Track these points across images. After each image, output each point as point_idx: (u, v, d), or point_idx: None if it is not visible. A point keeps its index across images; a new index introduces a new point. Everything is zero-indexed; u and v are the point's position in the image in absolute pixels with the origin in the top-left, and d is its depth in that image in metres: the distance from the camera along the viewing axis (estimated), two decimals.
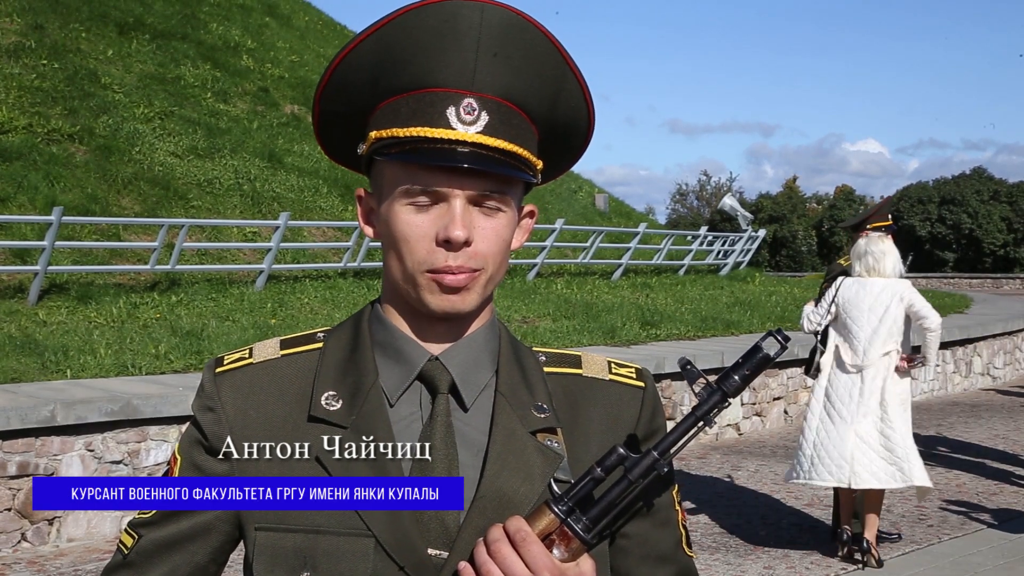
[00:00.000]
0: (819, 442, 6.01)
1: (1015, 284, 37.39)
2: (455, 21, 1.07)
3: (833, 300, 6.19)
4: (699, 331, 12.14)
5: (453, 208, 1.09)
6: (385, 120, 1.12)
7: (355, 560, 1.10)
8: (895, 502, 7.48)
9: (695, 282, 18.41)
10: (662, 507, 1.23)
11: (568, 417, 1.20)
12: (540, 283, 15.49)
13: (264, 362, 1.20)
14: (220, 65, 17.08)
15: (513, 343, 1.23)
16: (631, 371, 1.26)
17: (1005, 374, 15.02)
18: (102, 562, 5.83)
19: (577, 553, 1.08)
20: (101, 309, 10.07)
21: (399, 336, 1.17)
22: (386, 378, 1.16)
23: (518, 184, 1.15)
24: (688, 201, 68.78)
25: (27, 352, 7.87)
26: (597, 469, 1.09)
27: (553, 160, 1.23)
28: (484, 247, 1.11)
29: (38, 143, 12.59)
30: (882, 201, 6.82)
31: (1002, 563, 6.03)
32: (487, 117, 1.10)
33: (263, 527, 1.13)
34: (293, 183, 15.00)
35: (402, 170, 1.11)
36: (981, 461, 9.01)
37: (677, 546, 1.25)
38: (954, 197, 52.33)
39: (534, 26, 1.10)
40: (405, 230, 1.11)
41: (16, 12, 15.10)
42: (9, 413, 5.93)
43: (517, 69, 1.11)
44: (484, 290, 1.14)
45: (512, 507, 1.11)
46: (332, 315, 11.22)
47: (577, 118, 1.20)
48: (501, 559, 1.04)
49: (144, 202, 12.76)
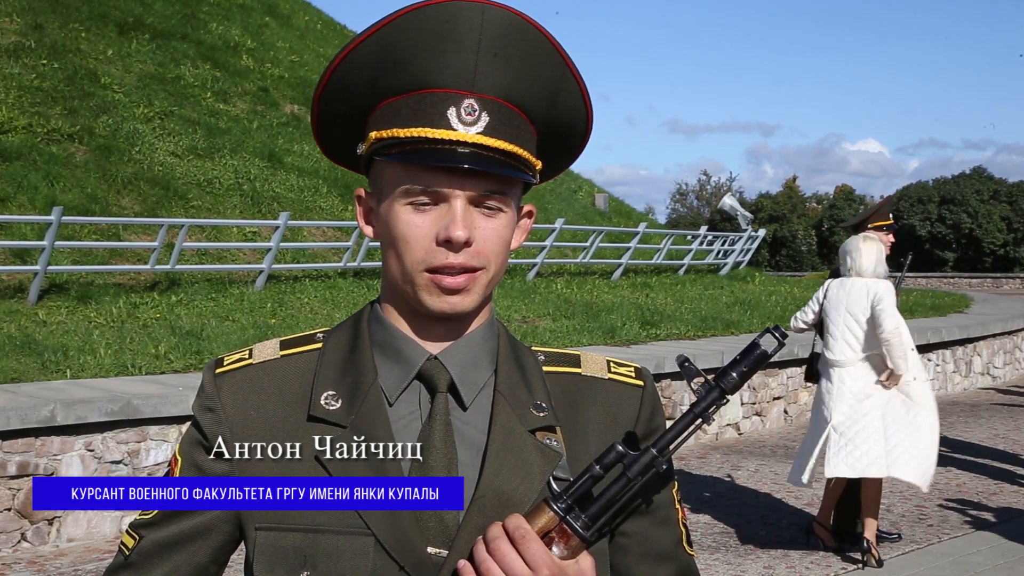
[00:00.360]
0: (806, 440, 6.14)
1: (1015, 284, 37.39)
2: (455, 22, 1.08)
3: (818, 300, 6.27)
4: (699, 331, 12.14)
5: (454, 208, 1.10)
6: (385, 120, 1.12)
7: (355, 559, 1.10)
8: (895, 502, 7.49)
9: (695, 282, 18.42)
10: (662, 505, 1.23)
11: (567, 416, 1.20)
12: (540, 283, 15.49)
13: (264, 362, 1.20)
14: (220, 65, 17.08)
15: (512, 342, 1.24)
16: (630, 370, 1.27)
17: (1005, 374, 15.03)
18: (102, 562, 5.83)
19: (576, 551, 1.08)
20: (101, 309, 10.08)
21: (398, 336, 1.18)
22: (385, 378, 1.17)
23: (518, 184, 1.16)
24: (688, 201, 68.81)
25: (27, 352, 7.87)
26: (596, 467, 1.10)
27: (551, 160, 1.23)
28: (485, 247, 1.12)
29: (38, 143, 12.59)
30: (882, 200, 6.81)
31: (1002, 563, 6.04)
32: (487, 118, 1.10)
33: (263, 527, 1.14)
34: (293, 183, 15.01)
35: (402, 170, 1.11)
36: (981, 461, 9.01)
37: (677, 544, 1.25)
38: (954, 197, 52.33)
39: (534, 27, 1.11)
40: (405, 230, 1.11)
41: (16, 12, 15.10)
42: (9, 413, 5.93)
43: (517, 70, 1.11)
44: (484, 290, 1.15)
45: (511, 505, 1.11)
46: (332, 315, 11.22)
47: (576, 119, 1.20)
48: (500, 557, 1.05)
49: (144, 202, 12.76)
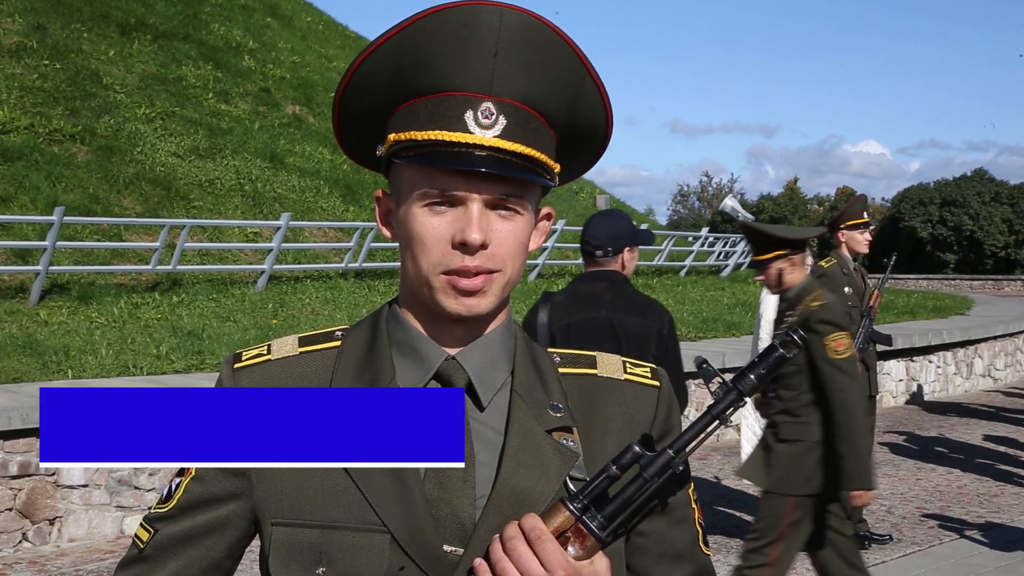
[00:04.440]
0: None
1: (1016, 286, 37.36)
2: (474, 25, 1.08)
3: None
4: (700, 332, 12.14)
5: (470, 211, 1.10)
6: (403, 123, 1.13)
7: (371, 556, 1.11)
8: (896, 504, 7.49)
9: (696, 283, 18.43)
10: (678, 505, 1.24)
11: (584, 417, 1.21)
12: (542, 284, 15.50)
13: (282, 359, 1.21)
14: (222, 66, 17.10)
15: (528, 344, 1.24)
16: (646, 370, 1.27)
17: (1006, 376, 15.03)
18: (103, 562, 5.84)
19: (592, 551, 1.09)
20: (102, 309, 10.09)
21: (416, 335, 1.18)
22: (403, 377, 1.17)
23: (535, 187, 1.16)
24: (689, 202, 68.85)
25: (28, 352, 7.88)
26: (612, 467, 1.10)
27: (571, 162, 1.24)
28: (501, 250, 1.12)
29: (40, 143, 12.60)
30: (852, 200, 6.71)
31: (1003, 565, 6.04)
32: (504, 121, 1.11)
33: (279, 522, 1.14)
34: (294, 184, 15.01)
35: (420, 173, 1.12)
36: (982, 462, 9.02)
37: (694, 544, 1.26)
38: (955, 199, 52.31)
39: (552, 30, 1.11)
40: (422, 232, 1.12)
41: (18, 12, 15.12)
42: (10, 413, 5.94)
43: (535, 73, 1.12)
44: (501, 292, 1.15)
45: (528, 505, 1.11)
46: (333, 316, 11.23)
47: (596, 121, 1.21)
48: (516, 557, 1.05)
49: (145, 202, 12.77)
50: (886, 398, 12.36)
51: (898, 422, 11.20)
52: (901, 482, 8.25)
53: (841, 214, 6.53)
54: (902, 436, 10.33)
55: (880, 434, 9.58)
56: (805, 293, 4.21)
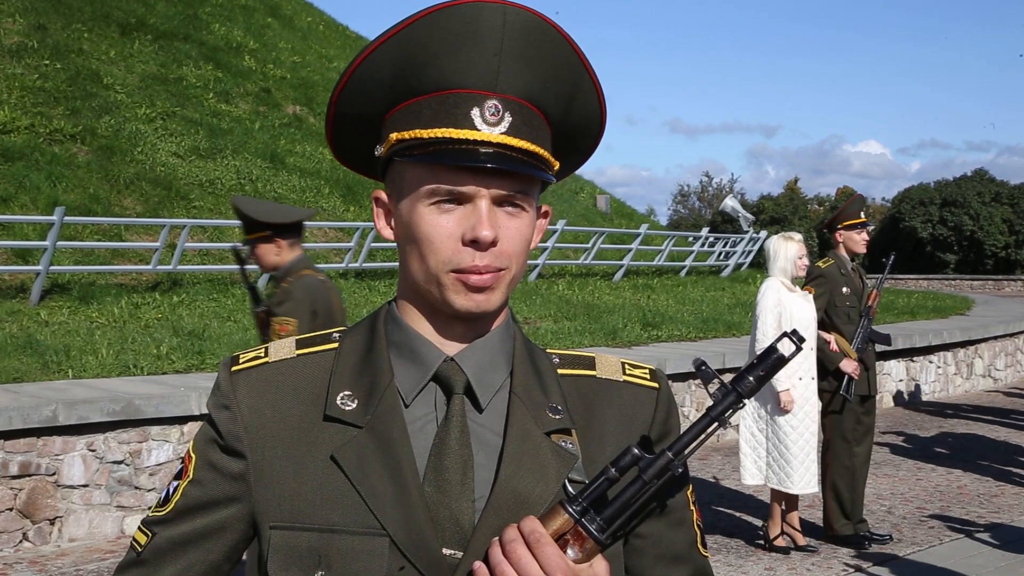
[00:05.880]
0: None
1: (1016, 286, 37.34)
2: (477, 23, 1.08)
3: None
4: (700, 332, 12.14)
5: (479, 208, 1.10)
6: (406, 122, 1.13)
7: (370, 559, 1.10)
8: (896, 504, 7.49)
9: (696, 283, 18.42)
10: (677, 507, 1.24)
11: (583, 418, 1.21)
12: (542, 284, 15.50)
13: (280, 361, 1.20)
14: (222, 66, 17.10)
15: (527, 345, 1.24)
16: (645, 372, 1.27)
17: (1006, 376, 15.03)
18: (103, 562, 5.84)
19: (591, 553, 1.08)
20: (103, 309, 10.09)
21: (415, 337, 1.18)
22: (401, 378, 1.17)
23: (538, 184, 1.16)
24: (689, 202, 68.78)
25: (29, 352, 7.88)
26: (611, 469, 1.10)
27: (564, 160, 1.24)
28: (509, 247, 1.12)
29: (40, 143, 12.60)
30: (849, 199, 6.70)
31: (1003, 565, 6.03)
32: (510, 118, 1.11)
33: (278, 526, 1.14)
34: (295, 184, 15.01)
35: (426, 171, 1.12)
36: (982, 463, 9.01)
37: (692, 546, 1.26)
38: (955, 199, 52.27)
39: (555, 29, 1.12)
40: (430, 231, 1.11)
41: (19, 12, 15.12)
42: (11, 413, 5.94)
43: (537, 70, 1.12)
44: (508, 289, 1.15)
45: (527, 507, 1.11)
46: None
47: (590, 120, 1.21)
48: (516, 560, 1.05)
49: (146, 202, 12.77)
50: (886, 398, 12.36)
51: (898, 422, 11.20)
52: (901, 482, 8.25)
53: (838, 214, 6.52)
54: (902, 436, 10.33)
55: (880, 434, 9.59)
56: (289, 273, 4.45)
